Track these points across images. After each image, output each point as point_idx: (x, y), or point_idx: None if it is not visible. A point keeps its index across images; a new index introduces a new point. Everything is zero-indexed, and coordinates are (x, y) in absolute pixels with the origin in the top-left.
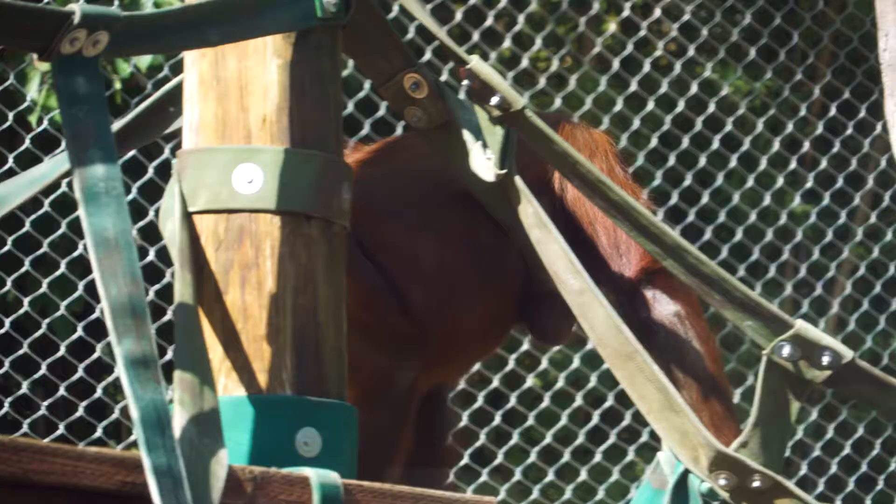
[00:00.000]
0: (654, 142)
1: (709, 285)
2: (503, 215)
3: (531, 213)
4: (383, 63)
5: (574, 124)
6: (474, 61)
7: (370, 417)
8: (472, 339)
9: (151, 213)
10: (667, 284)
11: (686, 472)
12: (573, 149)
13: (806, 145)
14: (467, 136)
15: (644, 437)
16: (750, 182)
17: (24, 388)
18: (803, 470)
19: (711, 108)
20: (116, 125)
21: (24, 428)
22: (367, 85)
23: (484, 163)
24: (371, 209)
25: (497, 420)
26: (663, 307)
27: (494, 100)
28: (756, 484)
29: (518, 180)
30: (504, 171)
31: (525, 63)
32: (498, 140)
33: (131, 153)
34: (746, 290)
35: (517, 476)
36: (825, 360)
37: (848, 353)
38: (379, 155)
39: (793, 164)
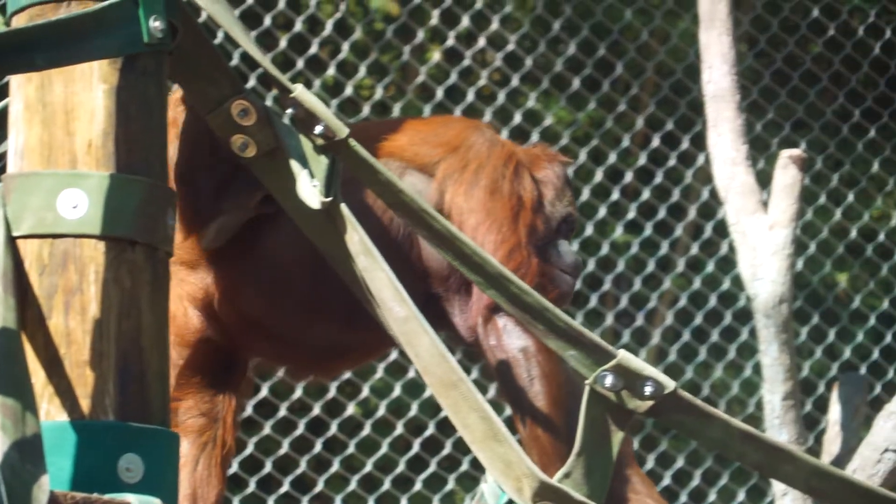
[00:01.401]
0: None
1: (531, 315)
2: (326, 245)
3: (357, 240)
4: (211, 90)
5: (482, 130)
6: (298, 90)
7: None
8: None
9: None
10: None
11: (510, 503)
12: (396, 178)
13: (628, 176)
14: (294, 162)
15: (464, 466)
16: None
17: None
18: None
19: (535, 137)
20: None
21: None
22: None
23: (310, 190)
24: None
25: (318, 448)
26: (512, 340)
27: (318, 128)
28: None
29: (344, 208)
30: (330, 199)
31: (349, 91)
32: (323, 168)
33: None
34: (569, 320)
35: None
36: (647, 390)
37: (670, 384)
38: None
39: (615, 195)
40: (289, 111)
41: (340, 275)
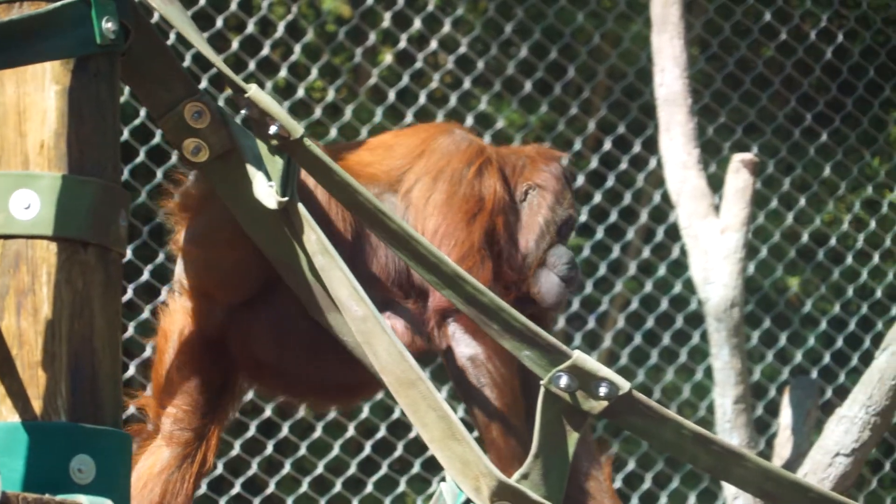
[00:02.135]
0: None
1: (487, 315)
2: (277, 250)
3: (314, 240)
4: (163, 93)
5: (450, 132)
6: (253, 90)
7: None
8: None
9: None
10: (469, 324)
11: (468, 502)
12: (353, 178)
13: (580, 179)
14: (251, 164)
15: (416, 468)
16: None
17: None
18: None
19: (487, 140)
20: None
21: None
22: (143, 112)
23: (266, 190)
24: None
25: (269, 450)
26: (461, 348)
27: (273, 129)
28: None
29: (301, 207)
30: (286, 199)
31: (301, 93)
32: (279, 168)
33: None
34: (525, 321)
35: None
36: (602, 391)
37: (625, 385)
38: None
39: None
40: (243, 112)
41: (290, 282)
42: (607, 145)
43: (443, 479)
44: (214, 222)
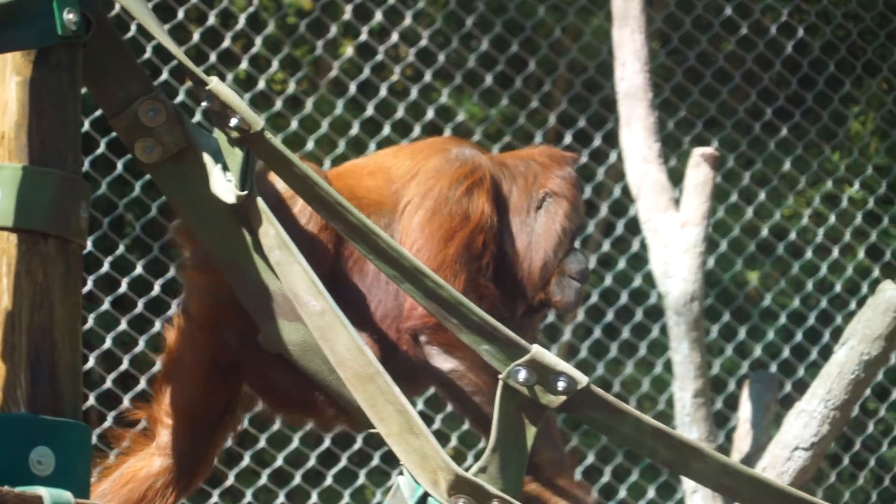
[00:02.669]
0: None
1: (446, 309)
2: (226, 252)
3: (273, 234)
4: (119, 90)
5: (445, 151)
6: (214, 82)
7: None
8: None
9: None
10: (441, 338)
11: (425, 496)
12: (312, 171)
13: None
14: (207, 159)
15: (375, 461)
16: None
17: None
18: None
19: (447, 133)
20: None
21: None
22: None
23: (225, 185)
24: None
25: (228, 442)
26: (438, 363)
27: (234, 121)
28: None
29: (260, 201)
30: (245, 193)
31: (261, 85)
32: (238, 161)
33: None
34: (483, 315)
35: (248, 498)
36: (560, 385)
37: (583, 379)
38: None
39: None
40: (204, 104)
41: (237, 287)
42: (568, 139)
43: (400, 473)
44: None
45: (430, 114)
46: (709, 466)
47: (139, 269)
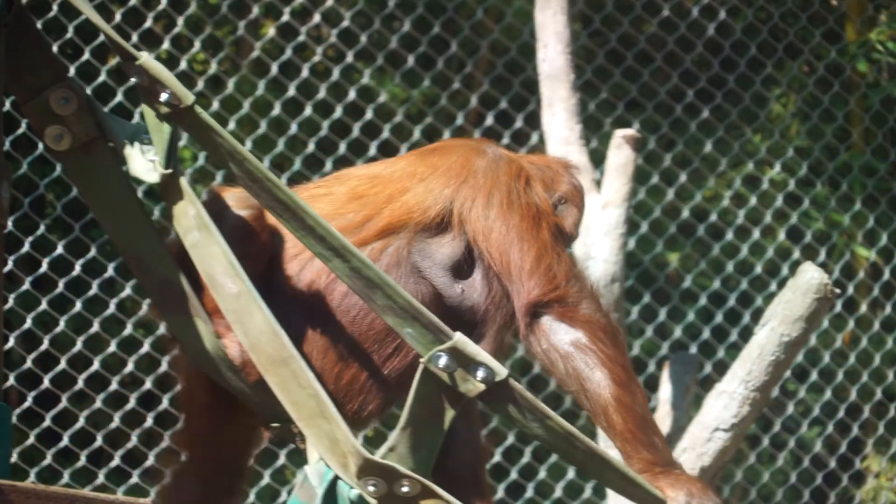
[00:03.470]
0: (311, 147)
1: (371, 289)
2: (133, 244)
3: (193, 214)
4: (30, 78)
5: (481, 151)
6: (144, 57)
7: None
8: None
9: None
10: (564, 312)
11: (336, 479)
12: (240, 146)
13: None
14: (124, 146)
15: None
16: None
17: None
18: None
19: (369, 114)
20: None
21: None
22: None
23: (146, 165)
24: None
25: (149, 422)
26: (560, 336)
27: (164, 96)
28: (405, 489)
29: (183, 181)
30: (170, 171)
31: (183, 65)
32: (165, 139)
33: None
34: (408, 297)
35: (168, 478)
36: (480, 374)
37: (502, 371)
38: None
39: None
40: (133, 79)
41: (142, 281)
42: (489, 120)
43: (306, 463)
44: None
45: (351, 94)
46: (613, 472)
47: (60, 250)
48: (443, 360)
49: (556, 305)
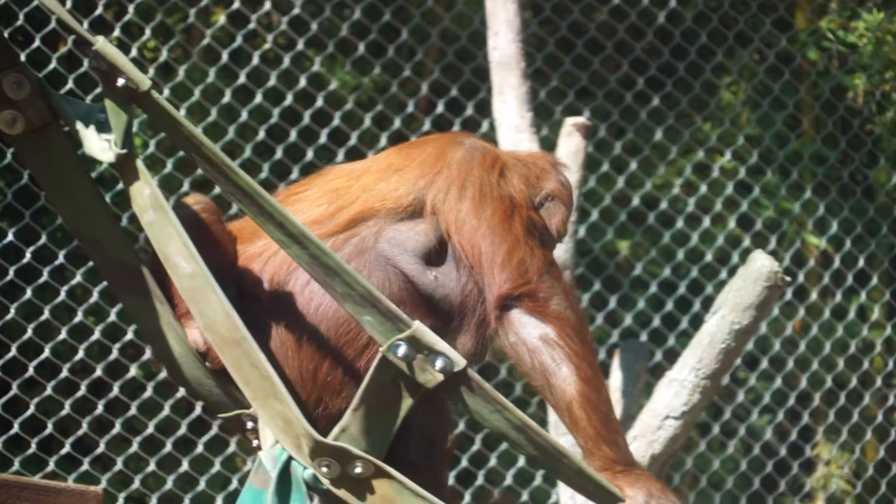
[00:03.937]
0: (261, 134)
1: (330, 276)
2: (88, 226)
3: (148, 194)
4: None
5: (458, 142)
6: (100, 42)
7: None
8: None
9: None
10: (534, 307)
11: (290, 461)
12: (198, 131)
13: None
14: (79, 126)
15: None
16: None
17: None
18: None
19: (319, 102)
20: None
21: None
22: None
23: (101, 145)
24: None
25: (100, 409)
26: (528, 331)
27: (121, 81)
28: (358, 470)
29: (138, 161)
30: (125, 151)
31: (134, 52)
32: (122, 121)
33: None
34: (367, 285)
35: (119, 466)
36: (438, 364)
37: (461, 361)
38: None
39: None
40: (90, 64)
41: (97, 263)
42: (440, 108)
43: (260, 450)
44: None
45: (302, 82)
46: (568, 468)
47: (10, 237)
48: (402, 350)
49: (526, 300)
